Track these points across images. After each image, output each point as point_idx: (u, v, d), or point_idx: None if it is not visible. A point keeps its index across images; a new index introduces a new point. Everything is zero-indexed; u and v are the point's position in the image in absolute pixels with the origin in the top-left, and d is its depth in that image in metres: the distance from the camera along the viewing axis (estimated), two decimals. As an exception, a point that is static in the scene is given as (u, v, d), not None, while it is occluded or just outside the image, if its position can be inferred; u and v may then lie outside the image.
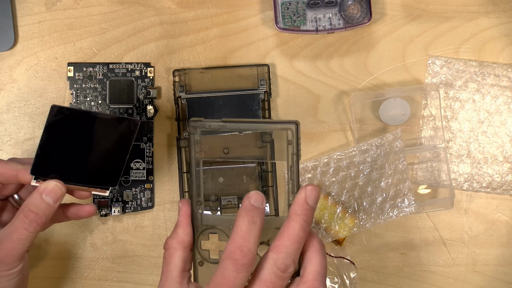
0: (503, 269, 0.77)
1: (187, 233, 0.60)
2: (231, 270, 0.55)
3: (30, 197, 0.62)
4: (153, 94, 0.76)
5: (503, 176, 0.77)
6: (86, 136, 0.64)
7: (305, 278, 0.57)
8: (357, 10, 0.76)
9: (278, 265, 0.55)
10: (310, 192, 0.58)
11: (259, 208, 0.56)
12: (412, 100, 0.77)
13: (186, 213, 0.60)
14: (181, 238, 0.59)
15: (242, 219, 0.56)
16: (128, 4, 0.78)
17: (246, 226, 0.56)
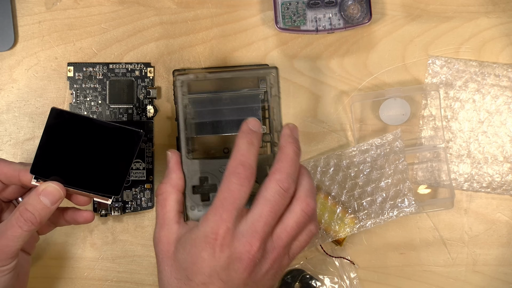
0: (503, 269, 0.77)
1: (179, 177, 0.66)
2: (235, 183, 0.60)
3: (28, 197, 0.62)
4: (153, 94, 0.76)
5: (503, 176, 0.77)
6: (87, 141, 0.64)
7: (298, 196, 0.62)
8: (357, 10, 0.76)
9: (281, 184, 0.61)
10: (293, 127, 0.65)
11: (256, 132, 0.63)
12: (412, 100, 0.77)
13: (176, 160, 0.66)
14: (175, 182, 0.65)
15: (242, 140, 0.62)
16: (128, 4, 0.78)
17: (245, 146, 0.62)
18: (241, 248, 0.60)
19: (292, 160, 0.63)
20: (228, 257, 0.60)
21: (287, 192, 0.61)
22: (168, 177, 0.66)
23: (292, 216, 0.62)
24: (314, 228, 0.64)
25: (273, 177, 0.61)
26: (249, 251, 0.60)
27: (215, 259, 0.60)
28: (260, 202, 0.61)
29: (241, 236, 0.60)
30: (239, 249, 0.60)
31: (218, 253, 0.59)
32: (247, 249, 0.60)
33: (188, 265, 0.60)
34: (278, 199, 0.61)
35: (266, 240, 0.61)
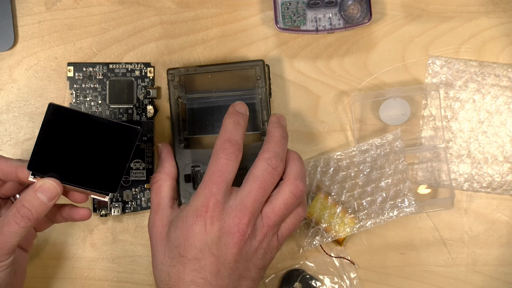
0: (503, 269, 0.77)
1: (172, 165, 0.70)
2: (222, 158, 0.64)
3: (25, 193, 0.62)
4: (153, 94, 0.76)
5: (503, 176, 0.77)
6: (85, 138, 0.64)
7: (287, 177, 0.65)
8: (357, 10, 0.76)
9: (269, 162, 0.64)
10: (279, 115, 0.70)
11: (243, 114, 0.67)
12: (412, 100, 0.77)
13: (168, 150, 0.71)
14: (168, 170, 0.69)
15: (228, 120, 0.66)
16: (128, 4, 0.78)
17: (232, 125, 0.66)
18: (230, 222, 0.62)
19: (279, 141, 0.66)
20: (218, 231, 0.62)
21: (275, 170, 0.64)
22: (161, 165, 0.70)
23: (280, 196, 0.64)
24: (302, 211, 0.66)
25: (261, 156, 0.65)
26: (238, 225, 0.62)
27: (206, 233, 0.62)
28: (249, 180, 0.64)
29: (230, 210, 0.62)
30: (229, 222, 0.62)
31: (208, 226, 0.62)
32: (236, 222, 0.62)
33: (180, 241, 0.62)
34: (267, 177, 0.64)
35: (256, 217, 0.63)
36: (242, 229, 0.62)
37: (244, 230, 0.62)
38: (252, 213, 0.62)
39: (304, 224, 0.75)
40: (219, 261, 0.62)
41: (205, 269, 0.62)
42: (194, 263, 0.62)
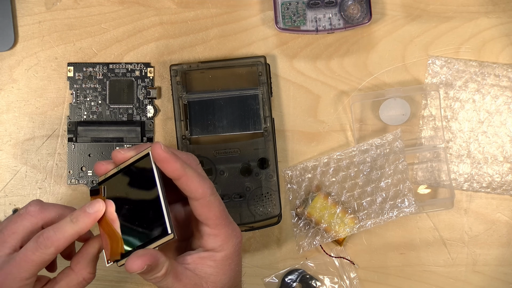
0: (503, 269, 0.77)
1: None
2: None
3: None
4: (153, 94, 0.76)
5: (503, 176, 0.77)
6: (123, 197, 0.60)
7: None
8: (357, 10, 0.76)
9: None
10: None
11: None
12: (412, 100, 0.77)
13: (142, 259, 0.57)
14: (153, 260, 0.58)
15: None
16: (128, 4, 0.78)
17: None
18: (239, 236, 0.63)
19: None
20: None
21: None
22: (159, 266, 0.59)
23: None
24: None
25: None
26: (240, 235, 0.63)
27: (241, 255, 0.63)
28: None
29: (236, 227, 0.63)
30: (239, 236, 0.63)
31: (240, 251, 0.62)
32: (239, 233, 0.63)
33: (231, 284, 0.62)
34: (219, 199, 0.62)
35: None
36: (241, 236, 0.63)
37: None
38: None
39: (304, 224, 0.76)
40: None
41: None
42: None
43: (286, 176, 0.76)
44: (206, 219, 0.59)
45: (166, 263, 0.57)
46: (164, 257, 0.57)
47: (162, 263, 0.57)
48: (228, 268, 0.61)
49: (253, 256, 0.77)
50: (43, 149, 0.77)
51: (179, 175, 0.58)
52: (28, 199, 0.76)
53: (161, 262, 0.57)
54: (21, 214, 0.60)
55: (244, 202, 0.74)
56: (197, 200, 0.58)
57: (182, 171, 0.57)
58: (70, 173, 0.76)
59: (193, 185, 0.58)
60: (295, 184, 0.76)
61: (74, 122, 0.76)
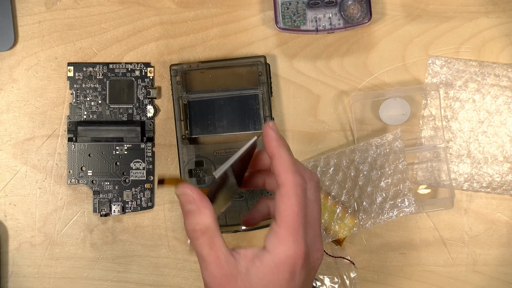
0: (503, 269, 0.77)
1: (212, 209, 0.57)
2: (303, 197, 0.56)
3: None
4: (153, 94, 0.76)
5: (503, 176, 0.77)
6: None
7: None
8: (357, 10, 0.76)
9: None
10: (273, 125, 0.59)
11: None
12: (412, 100, 0.77)
13: (198, 192, 0.57)
14: (212, 215, 0.57)
15: (286, 150, 0.58)
16: (128, 4, 0.78)
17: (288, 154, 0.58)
18: (314, 258, 0.58)
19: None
20: (307, 271, 0.57)
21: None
22: (201, 212, 0.57)
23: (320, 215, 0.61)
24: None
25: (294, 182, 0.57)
26: (319, 258, 0.59)
27: (299, 278, 0.56)
28: (308, 205, 0.58)
29: (312, 247, 0.58)
30: (313, 259, 0.58)
31: (300, 272, 0.56)
32: (318, 256, 0.58)
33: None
34: (318, 194, 0.59)
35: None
36: (321, 260, 0.59)
37: (320, 260, 0.59)
38: (321, 240, 0.60)
39: (304, 224, 0.76)
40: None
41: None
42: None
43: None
44: (277, 214, 0.56)
45: (209, 217, 0.56)
46: (208, 211, 0.56)
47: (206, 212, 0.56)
48: (273, 277, 0.55)
49: (253, 256, 0.77)
50: (43, 149, 0.77)
51: (272, 153, 0.57)
52: (28, 199, 0.76)
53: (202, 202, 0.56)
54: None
55: (244, 202, 0.74)
56: (278, 188, 0.56)
57: (276, 150, 0.57)
58: (70, 173, 0.76)
59: (281, 167, 0.56)
60: (295, 184, 0.76)
61: (74, 122, 0.76)
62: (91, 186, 0.76)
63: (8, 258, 0.76)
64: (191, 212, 0.56)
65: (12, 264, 0.76)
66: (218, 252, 0.56)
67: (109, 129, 0.76)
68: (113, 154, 0.76)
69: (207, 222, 0.56)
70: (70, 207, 0.77)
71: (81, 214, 0.77)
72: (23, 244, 0.76)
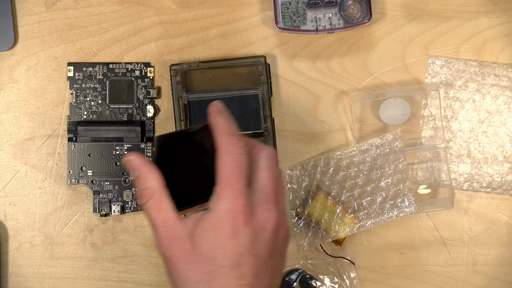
0: (503, 269, 0.77)
1: (158, 173, 0.59)
2: (236, 154, 0.57)
3: None
4: (153, 94, 0.76)
5: (503, 176, 0.77)
6: (185, 155, 0.61)
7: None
8: (357, 10, 0.76)
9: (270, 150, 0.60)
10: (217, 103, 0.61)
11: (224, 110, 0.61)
12: (412, 100, 0.77)
13: (145, 160, 0.60)
14: (158, 179, 0.59)
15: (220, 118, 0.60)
16: (128, 4, 0.78)
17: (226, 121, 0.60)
18: (262, 217, 0.57)
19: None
20: (253, 229, 0.57)
21: (275, 156, 0.60)
22: (148, 178, 0.59)
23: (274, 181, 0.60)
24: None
25: (259, 147, 0.60)
26: (270, 219, 0.58)
27: (243, 235, 0.56)
28: (258, 172, 0.59)
29: (258, 205, 0.58)
30: (261, 217, 0.57)
31: (243, 227, 0.56)
32: (267, 216, 0.58)
33: (216, 253, 0.57)
34: (273, 164, 0.60)
35: (277, 205, 0.59)
36: (274, 222, 0.58)
37: (275, 222, 0.58)
38: (276, 203, 0.59)
39: (304, 224, 0.75)
40: (259, 261, 0.57)
41: (247, 273, 0.57)
42: (236, 271, 0.57)
43: (286, 176, 0.76)
44: (216, 175, 0.58)
45: (155, 181, 0.58)
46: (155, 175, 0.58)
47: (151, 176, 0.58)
48: (215, 235, 0.56)
49: (253, 256, 0.77)
50: (43, 149, 0.77)
51: (212, 124, 0.59)
52: (28, 199, 0.76)
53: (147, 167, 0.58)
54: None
55: None
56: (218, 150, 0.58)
57: (214, 119, 0.59)
58: (70, 173, 0.76)
59: (217, 132, 0.58)
60: (295, 184, 0.76)
61: (74, 122, 0.76)
62: (91, 186, 0.76)
63: (8, 258, 0.76)
64: (137, 178, 0.59)
65: (12, 264, 0.76)
66: (166, 215, 0.57)
67: (109, 129, 0.76)
68: (113, 154, 0.76)
69: (152, 185, 0.58)
70: (70, 207, 0.77)
71: (81, 214, 0.77)
72: (23, 244, 0.76)
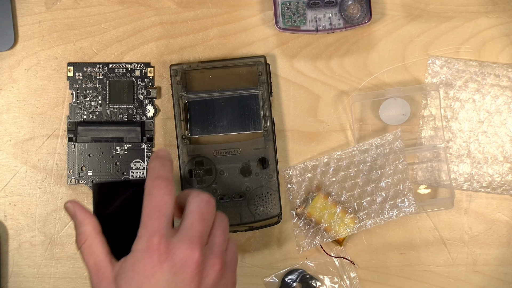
0: (503, 269, 0.77)
1: (93, 220, 0.62)
2: (157, 194, 0.59)
3: None
4: (153, 94, 0.76)
5: (503, 176, 0.77)
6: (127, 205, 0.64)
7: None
8: (357, 10, 0.76)
9: (201, 196, 0.61)
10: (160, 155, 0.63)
11: (166, 156, 0.62)
12: (412, 100, 0.77)
13: (81, 207, 0.63)
14: (92, 224, 0.62)
15: (154, 162, 0.62)
16: (128, 4, 0.78)
17: (158, 164, 0.62)
18: (182, 255, 0.57)
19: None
20: (172, 267, 0.57)
21: (209, 203, 0.61)
22: (81, 223, 0.62)
23: (218, 223, 0.61)
24: (233, 243, 0.63)
25: (191, 194, 0.61)
26: (191, 257, 0.57)
27: (159, 273, 0.57)
28: (187, 215, 0.60)
29: (178, 244, 0.58)
30: (181, 256, 0.57)
31: (158, 266, 0.57)
32: (187, 255, 0.57)
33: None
34: (204, 208, 0.60)
35: (204, 248, 0.59)
36: (196, 261, 0.57)
37: (198, 261, 0.57)
38: (201, 244, 0.58)
39: (304, 224, 0.76)
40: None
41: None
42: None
43: (286, 176, 0.76)
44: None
45: (88, 226, 0.61)
46: (88, 221, 0.61)
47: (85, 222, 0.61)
48: (134, 274, 0.57)
49: (253, 256, 0.77)
50: (43, 149, 0.77)
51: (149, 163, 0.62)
52: (28, 199, 0.76)
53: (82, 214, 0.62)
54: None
55: (244, 202, 0.74)
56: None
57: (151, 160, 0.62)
58: (70, 173, 0.76)
59: (147, 175, 0.61)
60: (295, 184, 0.76)
61: (74, 122, 0.76)
62: (91, 186, 0.76)
63: (8, 258, 0.76)
64: (74, 223, 0.62)
65: (12, 264, 0.76)
66: (97, 259, 0.60)
67: (109, 129, 0.76)
68: (113, 154, 0.76)
69: (85, 230, 0.61)
70: (70, 207, 0.76)
71: (81, 214, 0.77)
72: (23, 244, 0.76)
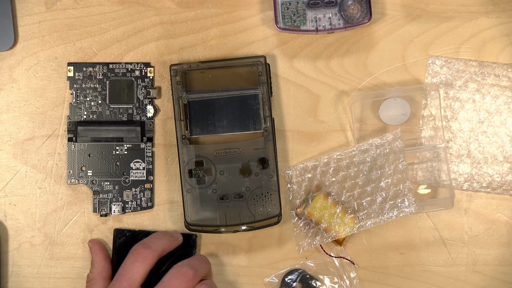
0: (503, 269, 0.77)
1: (104, 264, 0.72)
2: (130, 259, 0.68)
3: None
4: (153, 94, 0.76)
5: (503, 176, 0.77)
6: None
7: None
8: (357, 10, 0.76)
9: (179, 269, 0.68)
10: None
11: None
12: (412, 100, 0.77)
13: (99, 247, 0.74)
14: (100, 269, 0.72)
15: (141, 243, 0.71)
16: (128, 4, 0.78)
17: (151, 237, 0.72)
18: None
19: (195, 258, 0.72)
20: None
21: (185, 276, 0.67)
22: (93, 265, 0.73)
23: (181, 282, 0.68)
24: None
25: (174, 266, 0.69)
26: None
27: None
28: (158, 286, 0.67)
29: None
30: None
31: None
32: None
33: None
34: (175, 282, 0.67)
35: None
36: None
37: None
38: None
39: (304, 224, 0.76)
40: None
41: None
42: None
43: (286, 176, 0.76)
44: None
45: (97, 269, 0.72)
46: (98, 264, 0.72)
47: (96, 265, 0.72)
48: None
49: (253, 256, 0.77)
50: (43, 149, 0.77)
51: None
52: (28, 199, 0.76)
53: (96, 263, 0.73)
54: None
55: (244, 202, 0.74)
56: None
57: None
58: (70, 173, 0.76)
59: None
60: (295, 184, 0.76)
61: (74, 122, 0.76)
62: (91, 186, 0.76)
63: (8, 258, 0.76)
64: (91, 261, 0.74)
65: (12, 264, 0.76)
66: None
67: (109, 129, 0.76)
68: (113, 154, 0.76)
69: (93, 272, 0.72)
70: (70, 207, 0.77)
71: (81, 214, 0.77)
72: (23, 244, 0.76)
